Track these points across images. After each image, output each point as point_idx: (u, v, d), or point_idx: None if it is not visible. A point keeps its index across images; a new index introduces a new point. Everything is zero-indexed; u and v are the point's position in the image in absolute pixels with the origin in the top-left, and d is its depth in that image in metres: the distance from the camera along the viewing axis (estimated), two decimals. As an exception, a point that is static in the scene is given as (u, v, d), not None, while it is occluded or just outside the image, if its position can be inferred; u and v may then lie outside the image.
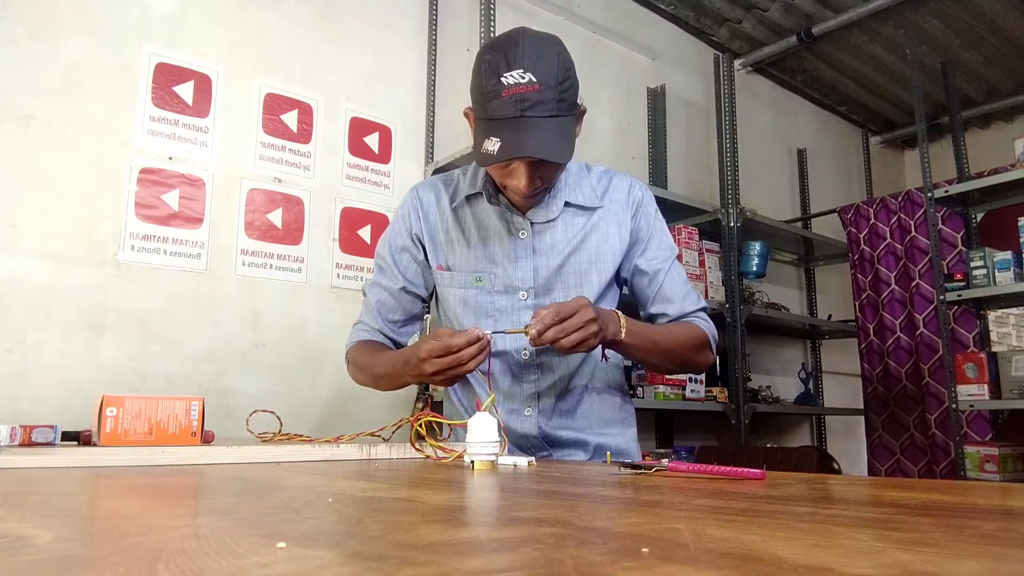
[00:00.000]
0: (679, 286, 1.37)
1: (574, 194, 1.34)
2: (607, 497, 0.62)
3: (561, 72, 1.12)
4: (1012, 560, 0.35)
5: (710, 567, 0.31)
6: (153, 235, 2.14)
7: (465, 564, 0.33)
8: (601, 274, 1.34)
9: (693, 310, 1.37)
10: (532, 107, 1.10)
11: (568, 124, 1.15)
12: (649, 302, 1.38)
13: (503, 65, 1.10)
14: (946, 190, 3.15)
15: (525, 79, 1.09)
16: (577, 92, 1.17)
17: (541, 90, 1.09)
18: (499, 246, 1.32)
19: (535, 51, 1.11)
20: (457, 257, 1.35)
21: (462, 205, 1.36)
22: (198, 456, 0.96)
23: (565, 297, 1.31)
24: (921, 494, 0.64)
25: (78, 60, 2.08)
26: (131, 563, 0.32)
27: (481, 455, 0.93)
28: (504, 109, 1.10)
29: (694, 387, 3.07)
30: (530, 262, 1.31)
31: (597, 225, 1.35)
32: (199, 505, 0.62)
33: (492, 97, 1.11)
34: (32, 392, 1.91)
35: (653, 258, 1.37)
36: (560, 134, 1.13)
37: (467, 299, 1.33)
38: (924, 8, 3.60)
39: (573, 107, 1.16)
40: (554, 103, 1.11)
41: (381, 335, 1.41)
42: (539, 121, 1.10)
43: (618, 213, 1.36)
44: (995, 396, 2.94)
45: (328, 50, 2.57)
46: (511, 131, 1.10)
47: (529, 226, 1.31)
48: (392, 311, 1.41)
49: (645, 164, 3.54)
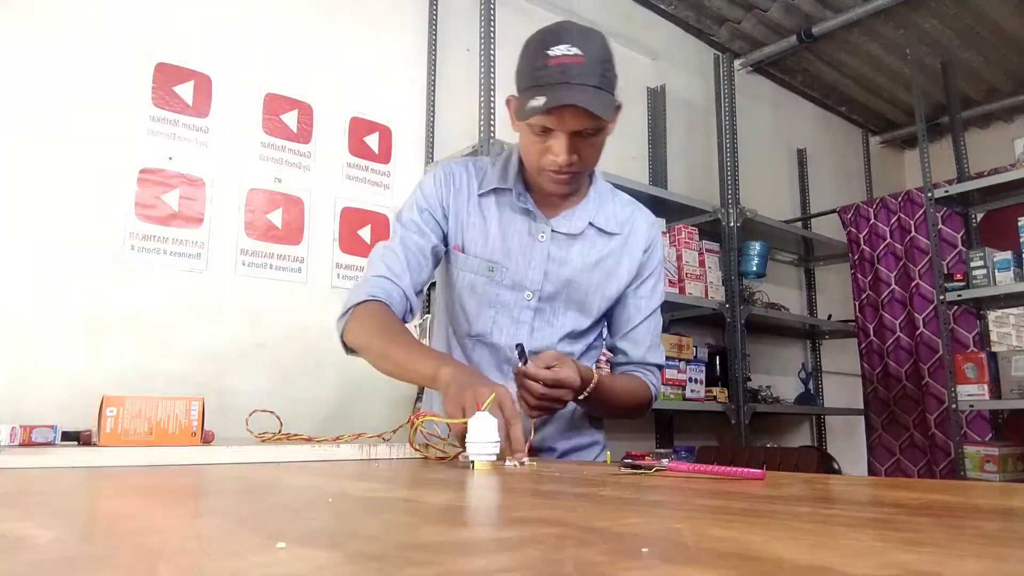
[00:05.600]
0: (650, 335, 1.41)
1: (598, 216, 1.36)
2: (607, 497, 0.62)
3: (605, 54, 1.18)
4: (1012, 560, 0.35)
5: (710, 567, 0.31)
6: (153, 235, 2.14)
7: (465, 564, 0.33)
8: (603, 300, 1.36)
9: (652, 363, 1.41)
10: (576, 75, 1.14)
11: (609, 100, 1.18)
12: (619, 336, 1.41)
13: (550, 41, 1.16)
14: (946, 190, 3.15)
15: (572, 52, 1.14)
16: (617, 81, 1.22)
17: (586, 63, 1.14)
18: (516, 243, 1.32)
19: (581, 34, 1.17)
20: (475, 242, 1.34)
21: (488, 194, 1.35)
22: (198, 456, 0.95)
23: (565, 310, 1.34)
24: (921, 494, 0.64)
25: (78, 60, 2.08)
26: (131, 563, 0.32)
27: (481, 455, 0.93)
28: (550, 76, 1.14)
29: (694, 387, 3.07)
30: (542, 266, 1.32)
31: (614, 252, 1.37)
32: (199, 505, 0.62)
33: (538, 68, 1.15)
34: (32, 392, 1.91)
35: (642, 297, 1.40)
36: (601, 99, 1.16)
37: (475, 286, 1.34)
38: (924, 8, 3.60)
39: (613, 88, 1.20)
40: (597, 76, 1.15)
41: (398, 293, 1.27)
42: (583, 87, 1.14)
43: (633, 246, 1.39)
44: (995, 396, 2.94)
45: (328, 50, 2.57)
46: (556, 91, 1.14)
47: (549, 232, 1.33)
48: (421, 268, 1.31)
49: (645, 164, 3.54)
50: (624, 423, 3.16)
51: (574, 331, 1.35)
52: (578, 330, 1.36)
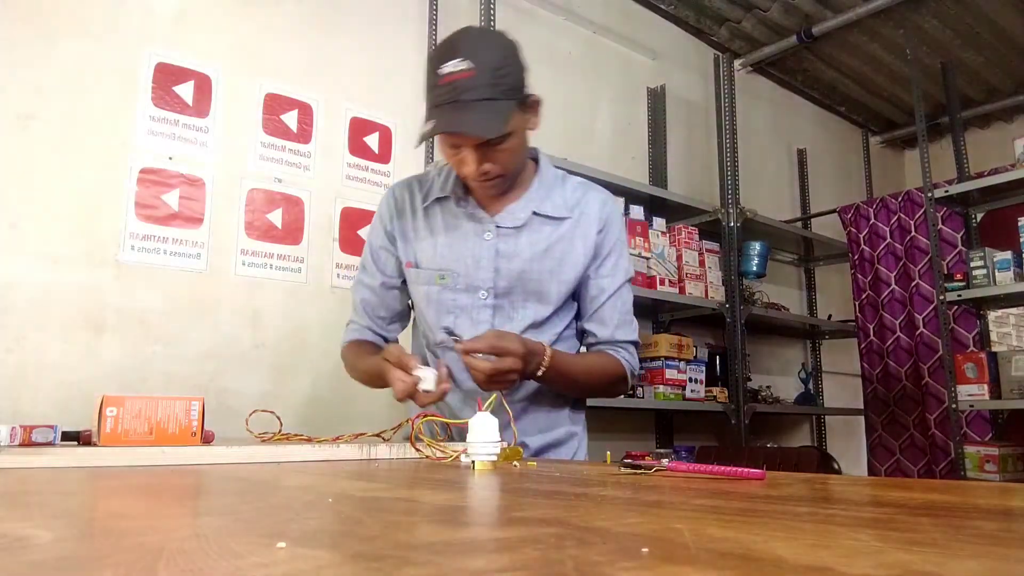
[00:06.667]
0: (617, 313, 1.40)
1: (543, 204, 1.37)
2: (607, 497, 0.62)
3: (499, 59, 1.18)
4: (1012, 560, 0.35)
5: (710, 567, 0.31)
6: (153, 235, 2.14)
7: (465, 564, 0.33)
8: (561, 285, 1.36)
9: (623, 340, 1.40)
10: (465, 91, 1.16)
11: (504, 107, 1.19)
12: (586, 318, 1.42)
13: (445, 56, 1.18)
14: (946, 190, 3.15)
15: (461, 66, 1.16)
16: (519, 80, 1.22)
17: (476, 75, 1.15)
18: (464, 246, 1.35)
19: (475, 42, 1.19)
20: (425, 255, 1.39)
21: (433, 205, 1.40)
22: (198, 456, 0.96)
23: (524, 302, 1.35)
24: (921, 494, 0.64)
25: (78, 60, 2.08)
26: (131, 563, 0.32)
27: (481, 455, 0.93)
28: (440, 96, 1.17)
29: (694, 387, 3.07)
30: (492, 264, 1.34)
31: (564, 236, 1.37)
32: (199, 505, 0.62)
33: (432, 88, 1.19)
34: (32, 392, 1.91)
35: (604, 276, 1.39)
36: (492, 114, 1.17)
37: (430, 296, 1.38)
38: (924, 8, 3.60)
39: (513, 92, 1.21)
40: (488, 87, 1.16)
41: (371, 332, 1.47)
42: (472, 103, 1.16)
43: (586, 227, 1.38)
44: (995, 396, 2.94)
45: (328, 50, 2.57)
46: (443, 113, 1.17)
47: (495, 229, 1.35)
48: (376, 308, 1.47)
49: (645, 164, 3.54)
50: (624, 423, 3.16)
51: (536, 321, 1.36)
52: (540, 320, 1.36)
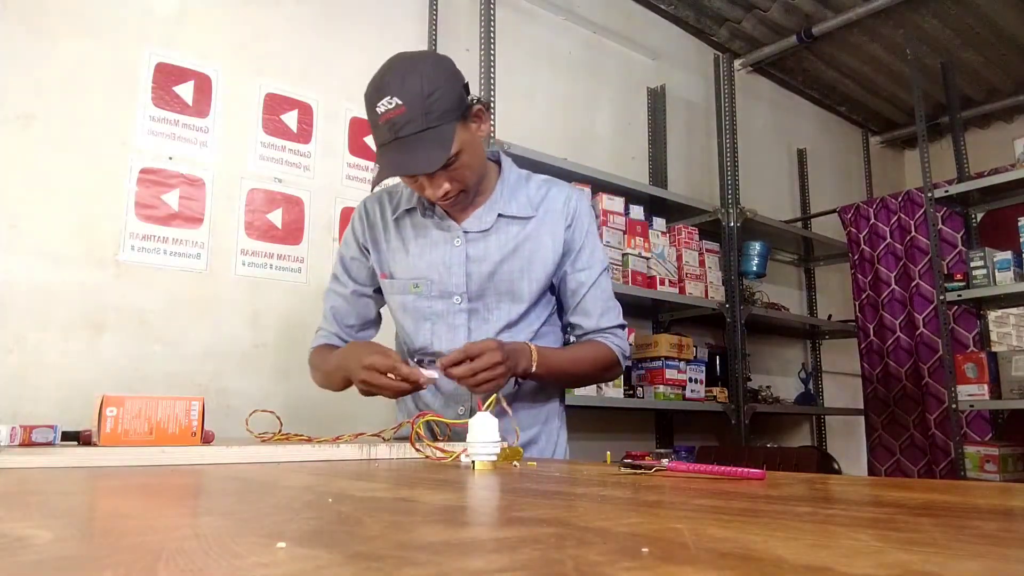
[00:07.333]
0: (599, 301, 1.42)
1: (508, 205, 1.39)
2: (607, 497, 0.62)
3: (427, 87, 1.20)
4: (1012, 560, 0.35)
5: (710, 567, 0.31)
6: (153, 235, 2.14)
7: (465, 564, 0.33)
8: (532, 283, 1.38)
9: (609, 326, 1.42)
10: (402, 127, 1.19)
11: (443, 132, 1.22)
12: (569, 312, 1.44)
13: (376, 96, 1.21)
14: (946, 190, 3.15)
15: (392, 104, 1.19)
16: (452, 99, 1.24)
17: (408, 110, 1.19)
18: (435, 254, 1.39)
19: (400, 75, 1.21)
20: (398, 265, 1.42)
21: (403, 216, 1.43)
22: (198, 456, 0.96)
23: (497, 303, 1.37)
24: (921, 494, 0.64)
25: (78, 60, 2.08)
26: (131, 563, 0.32)
27: (481, 455, 0.93)
28: (382, 136, 1.22)
29: (694, 387, 3.07)
30: (463, 269, 1.37)
31: (531, 235, 1.39)
32: (199, 505, 0.62)
33: (374, 128, 1.24)
34: (32, 392, 1.91)
35: (580, 269, 1.42)
36: (433, 144, 1.20)
37: (406, 304, 1.41)
38: (924, 8, 3.60)
39: (449, 114, 1.23)
40: (422, 118, 1.20)
41: (337, 338, 1.50)
42: (410, 139, 1.20)
43: (553, 223, 1.40)
44: (995, 396, 2.94)
45: (328, 50, 2.57)
46: (388, 153, 1.22)
47: (463, 234, 1.38)
48: (346, 316, 1.50)
49: (645, 164, 3.54)
50: (624, 423, 3.16)
51: (511, 321, 1.38)
52: (514, 319, 1.38)
